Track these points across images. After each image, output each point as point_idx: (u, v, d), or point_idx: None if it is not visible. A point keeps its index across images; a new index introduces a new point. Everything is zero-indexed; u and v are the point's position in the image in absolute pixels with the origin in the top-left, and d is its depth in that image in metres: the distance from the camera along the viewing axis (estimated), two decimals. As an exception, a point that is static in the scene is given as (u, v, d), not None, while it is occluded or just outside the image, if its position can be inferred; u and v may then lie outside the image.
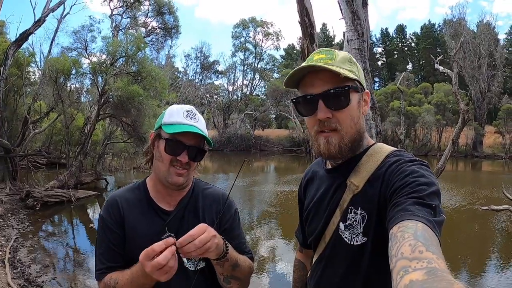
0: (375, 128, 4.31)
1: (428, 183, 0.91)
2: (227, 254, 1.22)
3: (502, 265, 6.88)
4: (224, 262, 1.23)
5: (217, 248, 1.14)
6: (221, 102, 44.01)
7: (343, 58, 1.08)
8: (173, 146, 1.28)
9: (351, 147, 1.08)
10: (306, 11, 4.65)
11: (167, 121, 1.32)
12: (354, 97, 1.07)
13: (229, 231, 1.38)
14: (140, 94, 12.17)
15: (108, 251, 1.32)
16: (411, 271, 0.65)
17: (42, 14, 12.34)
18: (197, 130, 1.29)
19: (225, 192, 1.44)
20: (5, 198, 9.86)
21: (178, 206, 1.37)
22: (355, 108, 1.07)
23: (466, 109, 8.62)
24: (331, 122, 1.05)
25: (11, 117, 12.89)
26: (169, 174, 1.29)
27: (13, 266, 5.87)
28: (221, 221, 1.38)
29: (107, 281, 1.28)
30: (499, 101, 36.58)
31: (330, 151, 1.06)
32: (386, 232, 0.85)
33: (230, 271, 1.28)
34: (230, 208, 1.44)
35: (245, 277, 1.36)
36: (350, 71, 1.05)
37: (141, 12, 31.62)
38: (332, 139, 1.05)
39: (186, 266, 1.33)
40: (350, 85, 1.04)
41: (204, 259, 1.35)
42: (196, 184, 1.45)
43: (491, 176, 21.25)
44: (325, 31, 55.17)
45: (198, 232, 1.07)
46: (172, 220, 1.34)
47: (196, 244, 1.05)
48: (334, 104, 1.03)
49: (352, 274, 1.06)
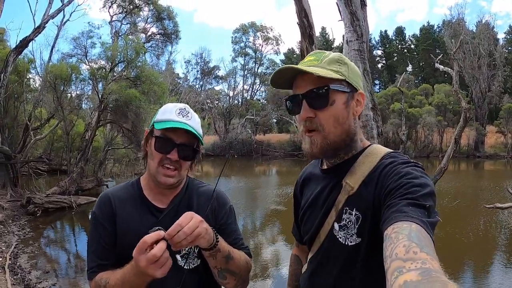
0: (376, 130, 4.26)
1: (422, 184, 0.91)
2: (217, 242, 1.19)
3: (508, 264, 6.83)
4: (216, 253, 1.20)
5: (207, 233, 1.12)
6: (222, 107, 44.08)
7: (331, 59, 1.09)
8: (163, 143, 1.26)
9: (337, 147, 1.08)
10: (304, 12, 4.65)
11: (159, 118, 1.30)
12: (339, 97, 1.06)
13: (224, 227, 1.36)
14: (138, 97, 12.18)
15: (100, 248, 1.29)
16: (405, 271, 0.66)
17: (42, 21, 12.42)
18: (188, 127, 1.26)
19: (219, 190, 1.42)
20: (6, 205, 9.86)
21: (171, 204, 1.35)
22: (339, 108, 1.06)
23: (468, 107, 8.61)
24: (314, 122, 1.07)
25: (12, 123, 12.91)
26: (158, 173, 1.28)
27: (14, 272, 5.84)
28: (216, 217, 1.36)
29: (98, 280, 1.25)
30: (500, 100, 36.63)
31: (312, 150, 1.08)
32: (381, 233, 0.85)
33: (224, 263, 1.25)
34: (224, 204, 1.42)
35: (241, 272, 1.32)
36: (336, 72, 1.06)
37: (141, 18, 31.83)
38: (315, 139, 1.07)
39: (180, 265, 1.30)
40: (330, 85, 1.04)
41: (198, 257, 1.33)
42: (190, 182, 1.43)
43: (494, 175, 21.19)
44: (324, 34, 55.38)
45: (185, 220, 1.05)
46: (165, 217, 1.32)
47: (186, 231, 1.03)
48: (315, 103, 1.05)
49: (346, 274, 1.06)
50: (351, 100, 1.09)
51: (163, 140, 1.26)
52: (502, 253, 7.54)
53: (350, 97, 1.09)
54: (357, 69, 1.13)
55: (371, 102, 4.32)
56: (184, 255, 1.32)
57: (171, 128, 1.25)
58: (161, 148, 1.27)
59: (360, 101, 1.10)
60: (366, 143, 1.16)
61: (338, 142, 1.08)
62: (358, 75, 1.12)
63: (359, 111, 1.10)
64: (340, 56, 1.11)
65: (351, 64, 1.12)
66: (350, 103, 1.09)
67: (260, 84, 48.20)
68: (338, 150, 1.10)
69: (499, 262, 6.99)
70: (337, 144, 1.08)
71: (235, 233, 1.40)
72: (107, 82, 12.76)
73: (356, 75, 1.11)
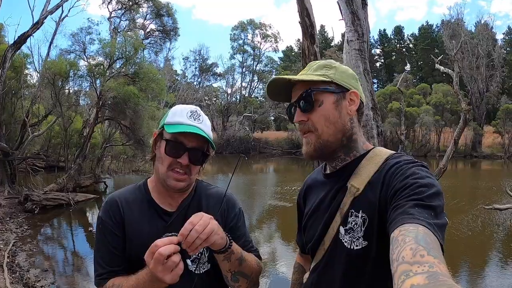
0: (376, 129, 4.26)
1: (428, 184, 0.90)
2: (231, 243, 1.19)
3: (506, 265, 6.86)
4: (230, 255, 1.19)
5: (219, 229, 1.12)
6: (220, 104, 44.01)
7: (319, 65, 1.14)
8: (174, 147, 1.24)
9: (332, 146, 1.11)
10: (306, 11, 4.64)
11: (169, 120, 1.27)
12: (327, 98, 1.10)
13: (234, 230, 1.35)
14: (136, 95, 12.12)
15: (109, 255, 1.27)
16: (412, 275, 0.65)
17: (40, 16, 12.31)
18: (200, 131, 1.24)
19: (228, 192, 1.40)
20: (4, 202, 9.82)
21: (180, 207, 1.34)
22: (329, 108, 1.10)
23: (468, 108, 8.62)
24: (307, 124, 1.12)
25: (9, 120, 12.83)
26: (168, 177, 1.26)
27: (12, 270, 5.82)
28: (225, 220, 1.36)
29: (109, 287, 1.22)
30: (497, 101, 36.77)
31: (308, 150, 1.13)
32: (387, 235, 0.85)
33: (237, 266, 1.24)
34: (234, 207, 1.41)
35: (253, 275, 1.31)
36: (321, 75, 1.10)
37: (140, 14, 31.65)
38: (309, 139, 1.12)
39: (191, 269, 1.29)
40: (311, 87, 1.09)
41: (209, 261, 1.32)
42: (199, 185, 1.42)
43: (491, 176, 21.27)
44: (323, 32, 55.31)
45: (196, 219, 1.06)
46: (174, 221, 1.30)
47: (198, 229, 1.03)
48: (304, 107, 1.11)
49: (352, 278, 1.05)
50: (343, 99, 1.11)
51: (174, 144, 1.24)
52: (498, 251, 7.59)
53: (341, 97, 1.11)
54: (349, 71, 1.16)
55: (371, 102, 4.31)
56: (194, 260, 1.30)
57: (183, 132, 1.22)
58: (172, 152, 1.24)
59: (354, 99, 1.12)
60: (369, 146, 1.16)
61: (333, 141, 1.10)
62: (350, 76, 1.14)
63: (353, 110, 1.11)
64: (328, 62, 1.16)
65: (340, 67, 1.15)
66: (341, 102, 1.11)
67: (258, 81, 48.15)
68: (335, 150, 1.12)
69: (497, 264, 7.02)
70: (332, 143, 1.10)
71: (244, 236, 1.40)
72: (105, 78, 12.69)
73: (347, 76, 1.13)
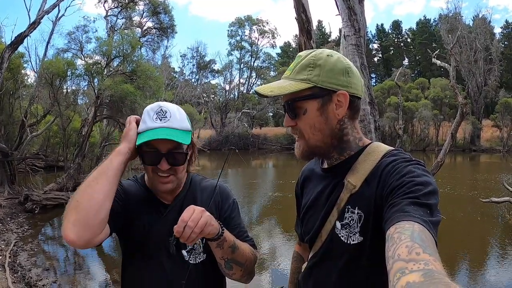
0: (373, 124, 4.28)
1: (424, 182, 0.90)
2: (223, 231, 1.22)
3: (503, 258, 6.90)
4: (223, 242, 1.22)
5: (212, 219, 1.15)
6: (218, 101, 43.91)
7: (302, 65, 1.07)
8: (149, 156, 1.25)
9: (321, 151, 1.12)
10: (302, 7, 4.63)
11: (140, 129, 1.26)
12: (310, 106, 1.06)
13: (228, 221, 1.38)
14: (132, 93, 12.09)
15: None
16: (407, 272, 0.66)
17: (37, 16, 12.24)
18: (169, 133, 1.21)
19: (222, 184, 1.44)
20: (4, 202, 9.83)
21: (176, 199, 1.37)
22: (313, 116, 1.07)
23: (465, 102, 8.64)
24: (295, 129, 1.12)
25: (8, 120, 12.79)
26: (154, 182, 1.29)
27: (14, 270, 5.84)
28: (220, 211, 1.38)
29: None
30: (496, 95, 36.79)
31: (299, 153, 1.14)
32: (383, 232, 0.85)
33: (230, 253, 1.26)
34: (228, 197, 1.44)
35: (247, 263, 1.34)
36: (303, 80, 1.05)
37: (136, 12, 31.48)
38: (299, 144, 1.13)
39: (186, 260, 1.32)
40: (293, 98, 1.07)
41: (204, 251, 1.35)
42: (193, 178, 1.44)
43: (490, 169, 21.34)
44: (321, 28, 55.20)
45: (187, 214, 1.09)
46: (170, 212, 1.33)
47: (190, 225, 1.07)
48: (290, 114, 1.10)
49: (348, 272, 1.06)
50: (329, 103, 1.06)
51: (149, 153, 1.24)
52: (498, 247, 7.62)
53: (327, 100, 1.06)
54: (338, 66, 1.06)
55: (368, 96, 4.32)
56: (190, 250, 1.33)
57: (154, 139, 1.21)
58: (150, 161, 1.25)
59: (341, 101, 1.06)
60: (366, 142, 1.14)
61: (322, 147, 1.10)
62: (340, 72, 1.05)
63: (341, 112, 1.07)
64: (312, 59, 1.07)
65: (328, 63, 1.05)
66: (327, 107, 1.06)
67: (256, 77, 47.97)
68: (326, 152, 1.12)
69: (495, 257, 7.06)
70: (321, 148, 1.10)
71: (239, 226, 1.42)
72: (102, 77, 12.65)
73: (336, 73, 1.05)
